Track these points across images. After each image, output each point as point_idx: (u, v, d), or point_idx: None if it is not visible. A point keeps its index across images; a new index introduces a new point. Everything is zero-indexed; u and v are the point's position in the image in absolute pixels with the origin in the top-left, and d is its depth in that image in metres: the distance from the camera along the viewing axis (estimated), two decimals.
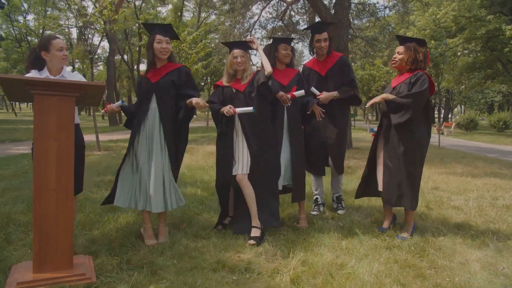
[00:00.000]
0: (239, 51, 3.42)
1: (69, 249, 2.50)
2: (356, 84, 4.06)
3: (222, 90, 3.50)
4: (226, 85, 3.48)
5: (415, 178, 3.41)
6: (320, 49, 4.00)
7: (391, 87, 3.56)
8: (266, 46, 3.91)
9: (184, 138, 3.36)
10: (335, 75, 4.01)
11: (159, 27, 3.22)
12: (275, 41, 3.84)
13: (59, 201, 2.44)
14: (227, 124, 3.41)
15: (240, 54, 3.42)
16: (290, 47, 3.79)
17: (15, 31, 35.20)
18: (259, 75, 3.37)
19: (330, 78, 4.02)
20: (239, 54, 3.42)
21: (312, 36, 4.08)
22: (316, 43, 4.00)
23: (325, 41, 3.96)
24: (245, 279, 2.49)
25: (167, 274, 2.53)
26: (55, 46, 2.76)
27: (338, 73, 4.01)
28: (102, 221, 3.61)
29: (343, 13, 10.05)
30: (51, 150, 2.41)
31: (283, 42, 3.77)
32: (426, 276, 2.59)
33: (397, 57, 3.47)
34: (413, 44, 3.41)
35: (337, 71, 4.01)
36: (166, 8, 34.24)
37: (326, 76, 4.03)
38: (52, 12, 33.07)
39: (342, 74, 4.01)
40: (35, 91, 2.35)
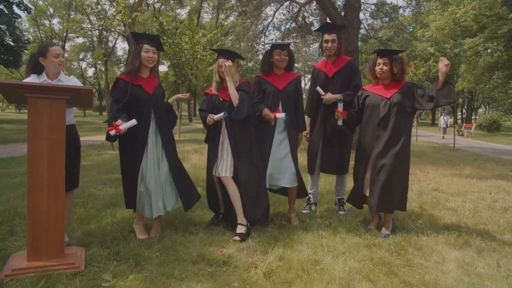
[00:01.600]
0: (224, 60, 3.55)
1: (60, 240, 2.70)
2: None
3: (211, 98, 3.65)
4: (214, 93, 3.63)
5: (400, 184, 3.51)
6: (328, 49, 4.05)
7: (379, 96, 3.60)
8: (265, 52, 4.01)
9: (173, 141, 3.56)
10: (342, 78, 4.07)
11: (146, 37, 3.38)
12: (271, 47, 3.94)
13: (50, 196, 2.65)
14: (214, 129, 3.60)
15: (223, 63, 3.55)
16: (285, 51, 3.82)
17: (42, 35, 36.59)
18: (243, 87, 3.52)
19: (337, 80, 4.09)
20: (224, 62, 3.55)
21: (322, 37, 4.17)
22: (324, 43, 4.07)
23: (333, 42, 4.02)
24: (220, 272, 2.63)
25: (149, 265, 2.70)
26: (52, 52, 2.97)
27: (345, 76, 4.07)
28: (100, 216, 3.82)
29: (353, 14, 10.04)
30: (43, 149, 2.61)
31: (277, 48, 3.84)
32: (397, 273, 2.66)
33: (383, 68, 3.56)
34: (399, 57, 3.57)
35: (344, 74, 4.08)
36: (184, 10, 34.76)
37: (332, 78, 4.10)
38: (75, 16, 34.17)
39: (348, 78, 4.08)
40: (28, 94, 2.56)
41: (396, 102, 3.48)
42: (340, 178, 4.34)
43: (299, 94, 3.92)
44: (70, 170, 3.10)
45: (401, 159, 3.46)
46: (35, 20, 33.86)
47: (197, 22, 31.65)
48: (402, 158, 3.46)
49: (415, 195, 5.13)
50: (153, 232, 3.43)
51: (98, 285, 2.39)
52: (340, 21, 9.81)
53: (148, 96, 3.30)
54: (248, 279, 2.51)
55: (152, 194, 3.24)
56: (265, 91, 3.84)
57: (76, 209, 4.05)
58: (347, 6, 10.11)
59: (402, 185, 3.57)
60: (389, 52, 3.64)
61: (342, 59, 4.16)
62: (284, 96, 3.80)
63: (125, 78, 3.31)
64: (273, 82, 3.83)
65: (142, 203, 3.27)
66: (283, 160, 3.74)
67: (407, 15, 17.49)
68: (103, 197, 4.64)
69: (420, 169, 7.66)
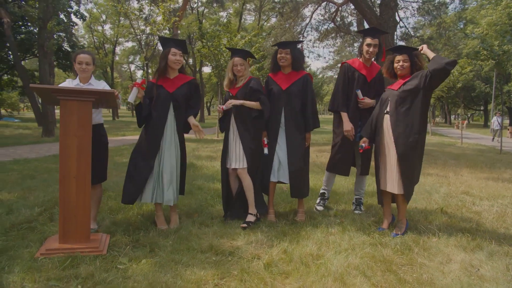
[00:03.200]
0: (239, 59, 3.76)
1: (86, 226, 3.04)
2: None
3: (227, 94, 3.91)
4: (226, 89, 3.87)
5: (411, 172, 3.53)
6: (368, 53, 4.08)
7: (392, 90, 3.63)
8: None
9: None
10: (377, 85, 4.19)
11: (174, 42, 3.68)
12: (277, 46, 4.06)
13: (78, 187, 2.99)
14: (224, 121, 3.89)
15: (240, 62, 3.77)
16: (286, 50, 3.87)
17: (95, 40, 39.05)
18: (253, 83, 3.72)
19: (374, 86, 4.20)
20: (239, 62, 3.76)
21: (364, 39, 4.19)
22: (366, 46, 4.09)
23: (375, 47, 4.07)
24: (225, 261, 2.83)
25: (162, 252, 2.96)
26: (77, 60, 3.35)
27: (378, 83, 4.19)
28: (128, 208, 4.17)
29: (389, 13, 9.85)
30: (73, 145, 2.97)
31: (279, 47, 3.98)
32: (395, 271, 2.71)
33: (403, 65, 3.58)
34: (416, 52, 3.61)
35: (378, 81, 4.20)
36: (227, 12, 35.48)
37: (370, 83, 4.18)
38: (124, 22, 36.11)
39: (380, 86, 4.19)
40: (60, 96, 2.92)
41: (402, 92, 3.50)
42: (359, 178, 4.40)
43: (307, 93, 3.93)
44: (98, 165, 3.47)
45: (414, 148, 3.45)
46: (90, 26, 36.23)
47: (239, 24, 32.23)
48: (415, 147, 3.45)
49: (439, 198, 5.03)
50: (172, 224, 3.71)
51: (114, 267, 2.69)
52: (376, 21, 9.68)
53: (168, 94, 3.59)
54: (248, 269, 2.69)
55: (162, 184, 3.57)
56: (271, 90, 3.98)
57: (108, 201, 4.45)
58: (382, 5, 9.94)
59: (413, 173, 3.54)
60: (407, 49, 3.66)
61: (376, 66, 4.25)
62: (288, 96, 3.89)
63: (153, 80, 3.70)
64: (278, 82, 3.96)
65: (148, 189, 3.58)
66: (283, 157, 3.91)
67: (451, 13, 16.69)
68: None
69: (454, 171, 7.40)
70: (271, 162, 3.91)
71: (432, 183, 6.05)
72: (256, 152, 3.82)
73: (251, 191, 3.73)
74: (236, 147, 3.80)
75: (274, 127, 3.93)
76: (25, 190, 4.93)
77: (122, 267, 2.69)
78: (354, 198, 4.45)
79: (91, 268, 2.64)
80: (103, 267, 2.68)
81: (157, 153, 3.59)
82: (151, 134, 3.60)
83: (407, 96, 3.49)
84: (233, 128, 3.83)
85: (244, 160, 3.75)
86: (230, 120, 3.86)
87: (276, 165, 3.89)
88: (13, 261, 2.72)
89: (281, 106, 3.91)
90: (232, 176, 3.90)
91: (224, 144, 3.92)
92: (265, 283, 2.47)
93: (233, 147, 3.82)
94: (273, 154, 3.91)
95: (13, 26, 21.26)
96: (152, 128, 3.61)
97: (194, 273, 2.60)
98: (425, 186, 5.79)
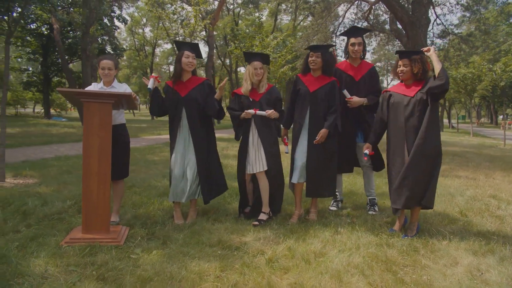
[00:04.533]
0: (258, 63, 3.88)
1: (106, 218, 3.30)
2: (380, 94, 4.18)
3: (239, 98, 4.00)
4: (244, 94, 3.97)
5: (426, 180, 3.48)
6: (354, 52, 4.21)
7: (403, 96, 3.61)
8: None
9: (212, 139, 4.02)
10: (367, 82, 4.24)
11: (188, 45, 3.89)
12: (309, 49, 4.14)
13: (99, 182, 3.26)
14: (245, 128, 3.97)
15: (259, 65, 3.88)
16: (318, 53, 3.95)
17: (136, 42, 40.67)
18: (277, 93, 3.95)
19: (362, 84, 4.25)
20: (259, 65, 3.87)
21: (348, 40, 4.31)
22: (350, 46, 4.23)
23: (359, 45, 4.19)
24: (230, 255, 2.98)
25: (173, 244, 3.16)
26: (100, 65, 3.64)
27: (369, 81, 4.25)
28: (149, 203, 4.43)
29: (421, 10, 9.58)
30: (94, 144, 3.23)
31: (311, 50, 4.06)
32: (395, 271, 2.73)
33: (403, 70, 3.57)
34: (418, 56, 3.55)
35: (369, 79, 4.25)
36: (263, 13, 35.67)
37: (359, 82, 4.25)
38: (163, 25, 37.27)
39: (371, 83, 4.24)
40: (83, 99, 3.20)
41: (419, 99, 3.48)
42: (366, 178, 4.42)
43: (333, 98, 3.99)
44: (120, 162, 3.75)
45: (429, 155, 3.42)
46: (131, 29, 37.82)
47: (274, 24, 32.32)
48: (429, 154, 3.43)
49: (462, 201, 4.89)
50: (189, 219, 3.91)
51: (127, 256, 2.91)
52: (407, 19, 9.46)
53: (180, 98, 3.80)
54: (250, 263, 2.82)
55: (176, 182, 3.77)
56: (299, 91, 4.08)
57: (132, 195, 4.75)
58: (415, 2, 9.67)
59: (429, 181, 3.51)
60: (407, 53, 3.65)
61: (366, 64, 4.32)
62: (314, 99, 3.99)
63: (169, 83, 3.93)
64: (306, 84, 4.05)
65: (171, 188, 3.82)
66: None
67: (491, 8, 15.80)
68: (159, 188, 5.29)
69: (486, 174, 7.10)
70: (292, 163, 4.01)
71: (458, 186, 5.87)
72: (275, 156, 3.94)
73: (267, 192, 3.86)
74: (256, 151, 3.89)
75: (297, 128, 4.04)
76: (60, 184, 5.35)
77: (135, 257, 2.91)
78: (367, 199, 4.46)
79: (107, 256, 2.88)
80: (118, 256, 2.91)
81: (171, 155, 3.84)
82: (170, 136, 3.88)
83: (424, 102, 3.47)
84: (252, 133, 3.92)
85: (264, 163, 3.85)
86: (249, 126, 3.94)
87: (298, 166, 3.98)
88: (41, 247, 3.02)
89: (306, 108, 4.01)
90: (247, 179, 4.03)
91: (243, 149, 3.98)
92: (263, 277, 2.59)
93: (253, 151, 3.91)
94: (294, 155, 4.02)
95: (62, 32, 22.71)
96: (170, 130, 3.89)
97: (198, 264, 2.77)
98: (449, 188, 5.64)
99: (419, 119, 3.46)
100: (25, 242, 3.12)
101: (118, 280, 2.50)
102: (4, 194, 4.61)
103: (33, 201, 4.30)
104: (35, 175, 6.11)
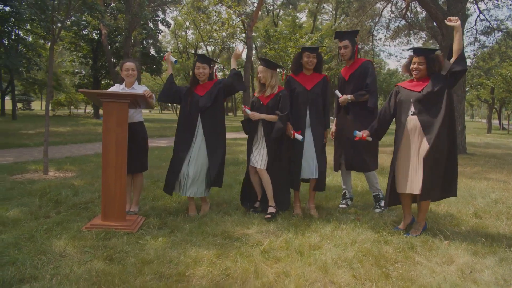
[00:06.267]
0: (261, 67, 4.11)
1: (122, 207, 3.63)
2: (372, 89, 4.23)
3: (253, 99, 4.25)
4: (256, 95, 4.20)
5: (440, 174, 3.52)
6: (342, 55, 4.40)
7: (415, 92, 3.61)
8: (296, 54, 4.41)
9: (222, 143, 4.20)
10: (356, 79, 4.32)
11: (198, 56, 4.20)
12: (301, 49, 4.32)
13: (116, 175, 3.59)
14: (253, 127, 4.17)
15: (261, 69, 4.10)
16: (314, 54, 4.18)
17: (180, 45, 42.15)
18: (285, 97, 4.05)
19: (351, 82, 4.36)
20: (260, 69, 4.10)
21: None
22: (339, 50, 4.41)
23: (345, 48, 4.33)
24: (228, 245, 3.18)
25: (179, 233, 3.42)
26: (123, 68, 3.98)
27: (359, 77, 4.30)
28: (168, 196, 4.74)
29: (458, 7, 9.23)
30: (112, 140, 3.57)
31: (306, 51, 4.23)
32: (384, 266, 2.80)
33: (419, 68, 3.56)
34: (435, 55, 3.57)
35: (358, 75, 4.30)
36: (303, 13, 35.62)
37: (349, 80, 4.38)
38: (204, 27, 38.36)
39: (362, 79, 4.29)
40: (103, 99, 3.56)
41: (426, 94, 3.47)
42: (367, 176, 4.46)
43: (326, 93, 4.24)
44: (139, 156, 4.08)
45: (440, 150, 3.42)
46: (174, 33, 39.28)
47: (313, 25, 32.13)
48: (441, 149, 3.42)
49: (483, 203, 4.75)
50: (201, 212, 4.16)
51: (136, 242, 3.21)
52: (441, 16, 9.15)
53: (198, 97, 4.06)
54: (245, 252, 3.01)
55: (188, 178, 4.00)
56: (294, 90, 4.22)
57: (154, 189, 5.10)
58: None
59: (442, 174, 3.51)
60: (424, 51, 3.64)
61: (357, 61, 4.39)
62: (312, 96, 4.16)
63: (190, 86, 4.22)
64: (302, 83, 4.21)
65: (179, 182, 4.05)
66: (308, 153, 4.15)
67: None
68: None
69: None
70: (300, 160, 4.15)
71: (484, 188, 5.66)
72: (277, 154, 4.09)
73: (269, 186, 4.03)
74: (260, 148, 4.09)
75: (301, 126, 4.17)
76: (94, 178, 5.83)
77: (143, 242, 3.20)
78: (372, 196, 4.48)
79: (119, 241, 3.19)
80: (128, 241, 3.21)
81: (188, 149, 4.07)
82: (184, 132, 4.11)
83: (433, 97, 3.47)
84: (260, 131, 4.10)
85: (266, 161, 4.03)
86: (258, 123, 4.12)
87: (305, 163, 4.13)
88: (64, 231, 3.40)
89: (306, 106, 4.16)
90: (252, 171, 4.23)
91: (249, 143, 4.22)
92: (253, 264, 2.77)
93: (257, 148, 4.11)
94: (302, 153, 4.15)
95: (110, 36, 24.18)
96: (184, 126, 4.11)
97: (197, 251, 3.00)
98: (473, 190, 5.46)
99: (427, 113, 3.46)
100: (52, 226, 3.52)
101: (122, 261, 2.79)
102: (44, 185, 5.14)
103: (66, 192, 4.77)
104: (74, 169, 6.70)
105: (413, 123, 3.51)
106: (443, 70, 3.48)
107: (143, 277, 2.55)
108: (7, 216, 3.78)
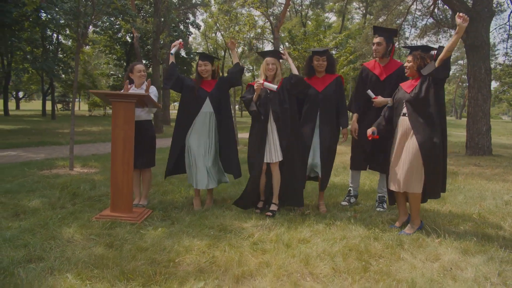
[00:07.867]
0: (271, 59, 4.19)
1: (129, 200, 3.89)
2: None
3: (252, 89, 4.26)
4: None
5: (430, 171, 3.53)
6: (374, 51, 4.38)
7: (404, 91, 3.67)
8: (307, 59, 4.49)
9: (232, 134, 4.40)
10: (394, 82, 4.21)
11: (200, 55, 4.42)
12: (312, 53, 4.42)
13: (124, 169, 3.87)
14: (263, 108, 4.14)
15: (271, 61, 4.18)
16: (324, 57, 4.25)
17: (210, 46, 42.85)
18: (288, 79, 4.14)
19: (388, 84, 4.29)
20: (271, 61, 4.18)
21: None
22: (372, 45, 4.41)
23: (379, 45, 4.31)
24: (221, 236, 3.36)
25: (179, 225, 3.64)
26: (136, 69, 4.27)
27: (396, 81, 4.20)
28: (177, 191, 4.99)
29: (483, 3, 8.95)
30: (120, 136, 3.85)
31: (316, 54, 4.32)
32: (366, 260, 2.87)
33: (407, 65, 3.63)
34: (418, 52, 3.57)
35: (395, 79, 4.23)
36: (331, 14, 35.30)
37: (384, 81, 4.33)
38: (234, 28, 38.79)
39: (398, 82, 4.18)
40: (111, 99, 3.84)
41: (414, 96, 3.53)
42: (381, 177, 4.44)
43: (339, 93, 4.29)
44: (147, 152, 4.34)
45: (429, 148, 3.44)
46: (205, 34, 39.98)
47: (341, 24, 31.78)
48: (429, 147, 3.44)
49: (492, 204, 4.64)
50: (206, 206, 4.37)
51: (138, 232, 3.45)
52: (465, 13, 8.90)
53: (205, 93, 4.29)
54: (235, 244, 3.17)
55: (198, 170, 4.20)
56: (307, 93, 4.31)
57: (165, 184, 5.36)
58: None
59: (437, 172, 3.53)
60: (411, 49, 3.72)
61: (394, 63, 4.35)
62: (323, 98, 4.23)
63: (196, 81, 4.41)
64: (314, 85, 4.29)
65: (190, 173, 4.29)
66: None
67: None
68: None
69: None
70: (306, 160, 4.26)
71: (498, 190, 5.51)
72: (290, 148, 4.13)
73: (279, 183, 4.16)
74: (271, 142, 4.13)
75: (309, 127, 4.27)
76: None
77: (143, 232, 3.44)
78: (377, 195, 4.50)
79: (122, 231, 3.45)
80: (130, 231, 3.46)
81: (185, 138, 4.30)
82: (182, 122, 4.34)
83: (421, 99, 3.51)
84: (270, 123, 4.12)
85: (280, 152, 4.12)
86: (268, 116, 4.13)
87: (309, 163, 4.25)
88: (75, 220, 3.71)
89: (317, 108, 4.25)
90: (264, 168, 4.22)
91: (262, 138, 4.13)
92: (240, 254, 2.93)
93: (269, 143, 4.13)
94: (309, 152, 4.26)
95: (142, 39, 25.07)
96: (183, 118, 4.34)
97: (191, 241, 3.20)
98: (486, 191, 5.34)
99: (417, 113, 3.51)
100: (65, 215, 3.84)
101: (120, 248, 3.04)
102: (66, 180, 5.53)
103: (85, 185, 5.13)
104: (97, 166, 7.11)
105: (405, 123, 3.55)
106: (424, 70, 3.48)
107: (136, 262, 2.78)
108: (29, 205, 4.16)
